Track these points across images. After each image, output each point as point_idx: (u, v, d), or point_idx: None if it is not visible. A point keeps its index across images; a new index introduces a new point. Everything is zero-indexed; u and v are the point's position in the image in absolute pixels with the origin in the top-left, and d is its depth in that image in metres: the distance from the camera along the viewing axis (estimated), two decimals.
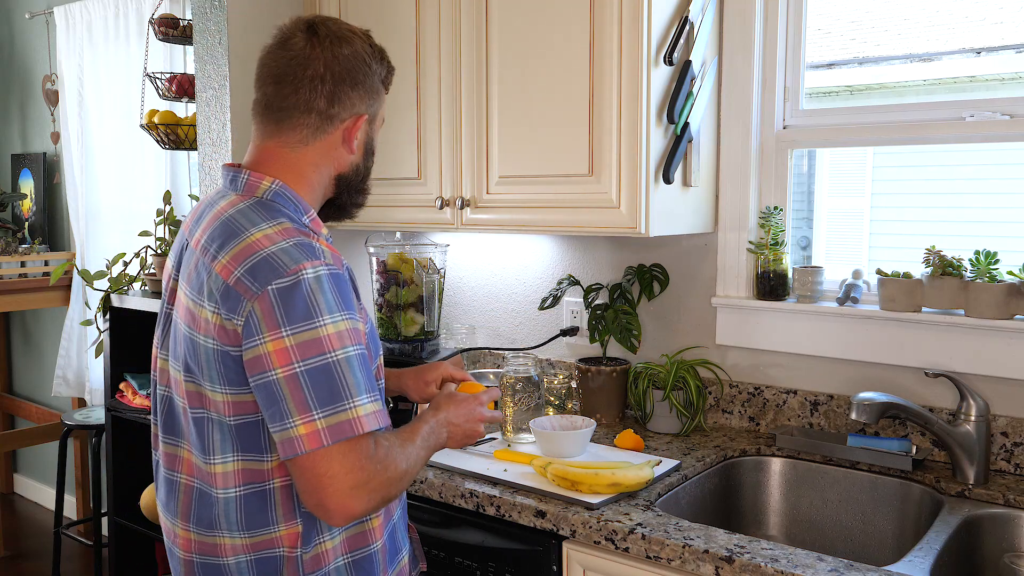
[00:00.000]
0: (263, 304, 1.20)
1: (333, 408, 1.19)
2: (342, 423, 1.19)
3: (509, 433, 2.01)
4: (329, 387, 1.20)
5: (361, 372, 1.23)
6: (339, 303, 1.23)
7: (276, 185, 1.34)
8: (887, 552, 1.82)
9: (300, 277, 1.21)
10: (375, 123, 1.44)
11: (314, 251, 1.25)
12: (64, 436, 3.51)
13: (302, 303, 1.20)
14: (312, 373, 1.19)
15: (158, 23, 2.85)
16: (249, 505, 1.30)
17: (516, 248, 2.54)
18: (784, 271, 2.07)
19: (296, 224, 1.30)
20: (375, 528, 1.38)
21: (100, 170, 3.90)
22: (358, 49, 1.38)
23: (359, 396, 1.21)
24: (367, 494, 1.22)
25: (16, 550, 4.05)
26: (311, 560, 1.32)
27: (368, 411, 1.22)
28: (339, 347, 1.21)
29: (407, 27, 2.23)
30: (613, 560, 1.58)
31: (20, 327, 4.62)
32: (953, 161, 2.19)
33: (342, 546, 1.34)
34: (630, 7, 1.84)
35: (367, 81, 1.38)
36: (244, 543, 1.31)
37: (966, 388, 1.77)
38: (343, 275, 1.28)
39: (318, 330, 1.20)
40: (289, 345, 1.19)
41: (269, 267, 1.22)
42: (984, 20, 1.95)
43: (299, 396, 1.19)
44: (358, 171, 1.44)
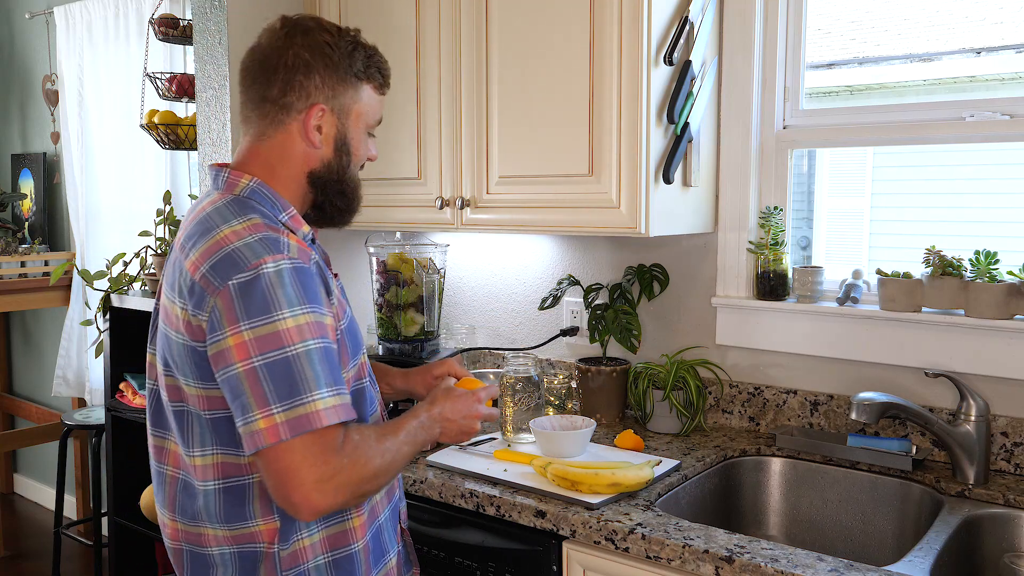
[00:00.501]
0: (224, 299, 1.21)
1: (292, 402, 1.19)
2: (300, 417, 1.19)
3: (509, 433, 2.01)
4: (288, 381, 1.20)
5: (322, 366, 1.22)
6: (300, 297, 1.23)
7: (253, 183, 1.36)
8: (887, 552, 1.82)
9: (260, 271, 1.22)
10: (348, 119, 1.40)
11: (277, 245, 1.25)
12: (64, 436, 3.51)
13: (260, 297, 1.21)
14: (271, 367, 1.19)
15: (158, 23, 2.85)
16: (228, 498, 1.31)
17: (516, 248, 2.54)
18: (784, 271, 2.07)
19: (268, 220, 1.31)
20: (356, 528, 1.37)
21: (100, 170, 3.90)
22: (316, 39, 1.35)
23: (318, 390, 1.21)
24: (334, 488, 1.21)
25: (16, 550, 4.05)
26: (289, 556, 1.32)
27: (328, 404, 1.21)
28: (298, 340, 1.21)
29: (407, 27, 2.23)
30: (613, 560, 1.58)
31: (20, 327, 4.62)
32: (953, 161, 2.19)
33: (321, 544, 1.34)
34: (630, 7, 1.84)
35: (326, 71, 1.35)
36: (225, 535, 1.32)
37: (966, 388, 1.77)
38: (308, 269, 1.27)
39: (276, 323, 1.20)
40: (248, 339, 1.20)
41: (231, 262, 1.23)
42: (984, 20, 1.95)
43: (258, 390, 1.19)
44: (330, 168, 1.40)
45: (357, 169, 1.46)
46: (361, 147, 1.44)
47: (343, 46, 1.37)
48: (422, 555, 1.85)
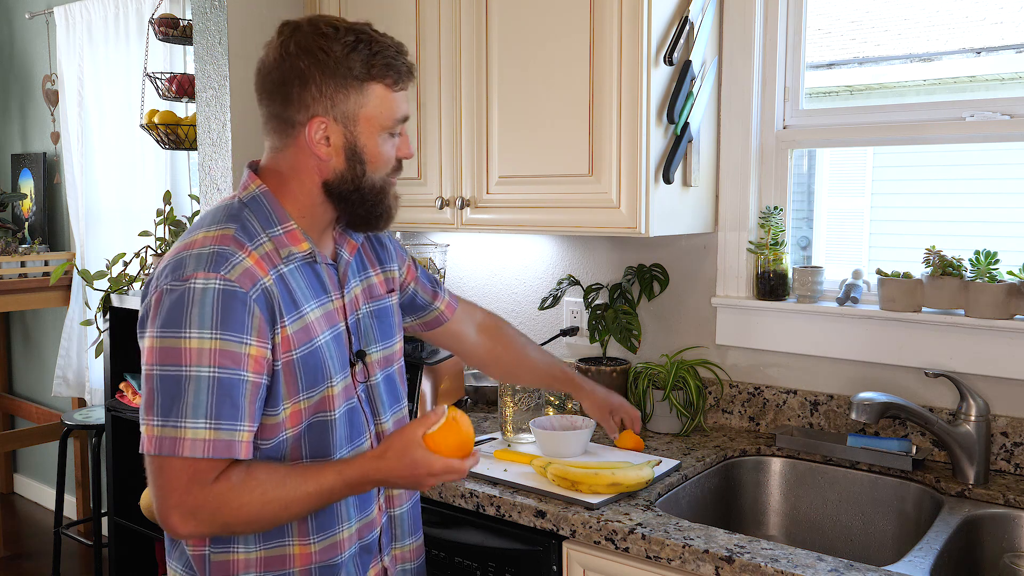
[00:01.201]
0: (154, 300, 1.24)
1: (166, 420, 1.19)
2: (168, 438, 1.19)
3: (509, 433, 2.01)
4: (171, 398, 1.19)
5: (209, 395, 1.19)
6: (215, 321, 1.20)
7: (259, 190, 1.34)
8: (887, 552, 1.82)
9: (187, 285, 1.21)
10: (356, 125, 1.31)
11: (220, 264, 1.23)
12: (64, 436, 3.51)
13: (176, 310, 1.21)
14: (163, 379, 1.20)
15: (158, 23, 2.86)
16: None
17: (516, 248, 2.54)
18: (784, 271, 2.07)
19: (243, 233, 1.28)
20: (295, 555, 1.31)
21: (100, 170, 3.90)
22: (311, 45, 1.28)
23: (192, 419, 1.18)
24: (195, 519, 1.20)
25: (16, 550, 4.05)
26: (218, 565, 1.30)
27: (197, 436, 1.18)
28: (194, 363, 1.19)
29: (407, 27, 2.23)
30: (613, 560, 1.58)
31: (20, 327, 4.62)
32: (953, 161, 2.19)
33: (257, 563, 1.31)
34: (630, 7, 1.84)
35: (324, 79, 1.28)
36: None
37: (966, 388, 1.77)
38: (241, 295, 1.22)
39: (180, 340, 1.20)
40: (155, 346, 1.21)
41: (173, 267, 1.25)
42: (984, 20, 1.95)
43: (150, 396, 1.21)
44: (343, 179, 1.33)
45: (380, 174, 1.36)
46: (380, 151, 1.34)
47: (338, 49, 1.28)
48: None
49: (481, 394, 2.38)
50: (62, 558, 3.61)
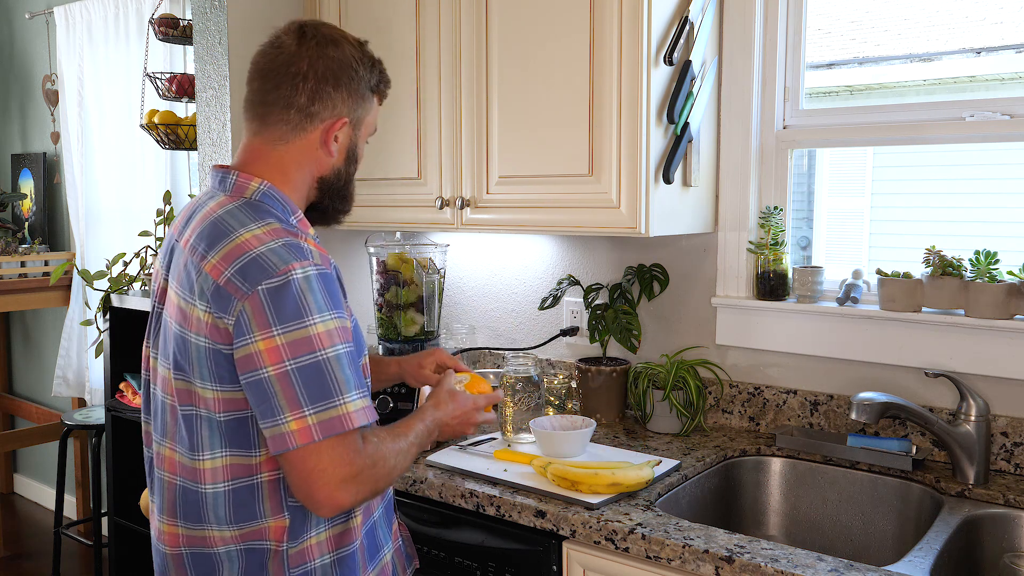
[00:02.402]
0: (253, 303, 1.23)
1: (324, 404, 1.23)
2: (332, 419, 1.23)
3: (509, 433, 2.01)
4: (320, 384, 1.23)
5: (350, 369, 1.26)
6: (328, 303, 1.26)
7: (264, 186, 1.37)
8: (887, 552, 1.82)
9: (289, 277, 1.24)
10: (360, 130, 1.45)
11: (302, 251, 1.27)
12: (64, 436, 3.52)
13: (292, 303, 1.23)
14: (303, 371, 1.22)
15: (158, 23, 2.86)
16: (237, 499, 1.32)
17: (516, 248, 2.54)
18: (784, 271, 2.07)
19: (284, 224, 1.32)
20: (357, 527, 1.40)
21: (100, 170, 3.90)
22: (345, 52, 1.39)
23: (349, 393, 1.25)
24: (356, 487, 1.25)
25: (16, 550, 4.05)
26: (296, 555, 1.34)
27: (358, 407, 1.25)
28: (329, 345, 1.24)
29: (407, 27, 2.23)
30: (613, 560, 1.58)
31: (20, 327, 4.62)
32: (953, 161, 2.20)
33: (328, 543, 1.36)
34: (630, 7, 1.84)
35: (352, 84, 1.39)
36: (233, 535, 1.33)
37: (966, 388, 1.77)
38: (331, 275, 1.31)
39: (308, 329, 1.23)
40: (280, 344, 1.22)
41: (258, 267, 1.24)
42: (984, 20, 1.95)
43: (290, 393, 1.22)
44: (339, 176, 1.45)
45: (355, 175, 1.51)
46: (362, 155, 1.50)
47: (366, 62, 1.42)
48: (422, 555, 1.85)
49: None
50: (62, 558, 3.61)
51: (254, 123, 1.41)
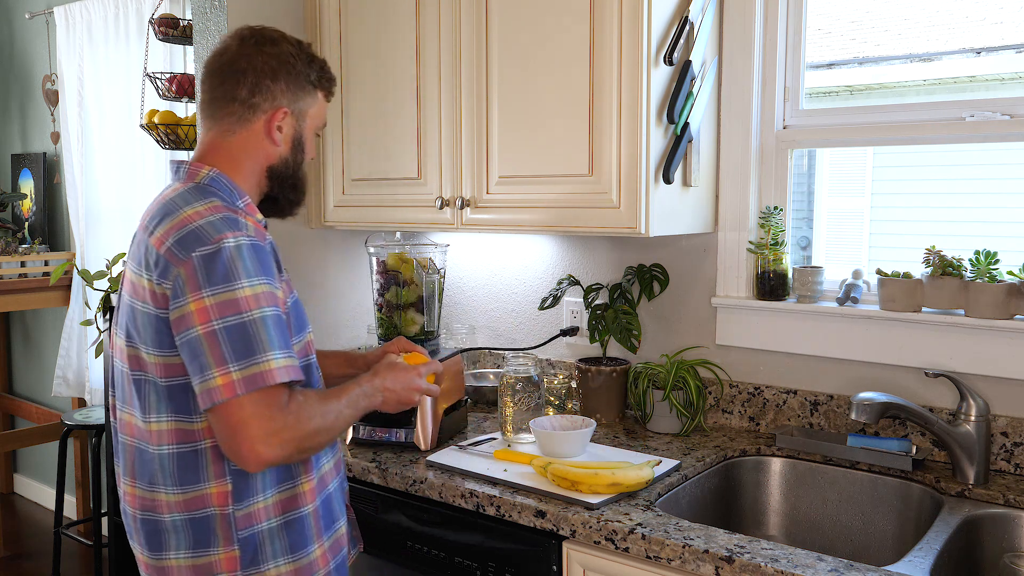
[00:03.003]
0: (188, 269, 1.34)
1: (247, 361, 1.31)
2: (255, 375, 1.31)
3: (509, 433, 2.01)
4: (244, 342, 1.32)
5: (275, 330, 1.35)
6: (257, 270, 1.36)
7: (212, 172, 1.49)
8: (887, 552, 1.82)
9: (222, 245, 1.35)
10: (304, 121, 1.55)
11: (237, 224, 1.38)
12: (64, 436, 3.52)
13: (222, 268, 1.33)
14: (229, 330, 1.32)
15: (158, 23, 2.86)
16: (182, 462, 1.41)
17: (516, 248, 2.54)
18: (784, 271, 2.07)
19: (227, 204, 1.44)
20: (306, 492, 1.47)
21: (100, 170, 3.90)
22: (282, 49, 1.52)
23: (272, 351, 1.33)
24: (279, 442, 1.32)
25: (16, 550, 4.05)
26: (243, 517, 1.42)
27: (280, 364, 1.33)
28: (255, 307, 1.33)
29: (407, 27, 2.23)
30: (613, 560, 1.58)
31: (20, 327, 4.62)
32: (953, 161, 2.20)
33: (275, 508, 1.44)
34: (630, 7, 1.84)
35: (290, 78, 1.51)
36: (178, 500, 1.42)
37: (966, 388, 1.77)
38: (264, 247, 1.40)
39: (236, 292, 1.33)
40: (209, 304, 1.32)
41: (195, 237, 1.36)
42: (984, 20, 1.95)
43: (217, 351, 1.31)
44: (287, 164, 1.55)
45: (305, 166, 1.60)
46: (310, 147, 1.60)
47: (303, 57, 1.54)
48: (422, 555, 1.85)
49: (481, 394, 2.38)
50: (62, 558, 3.61)
51: (207, 120, 1.54)
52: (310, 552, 1.48)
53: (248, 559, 1.42)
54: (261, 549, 1.43)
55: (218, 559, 1.42)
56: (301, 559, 1.46)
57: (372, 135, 2.35)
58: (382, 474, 1.89)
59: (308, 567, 1.48)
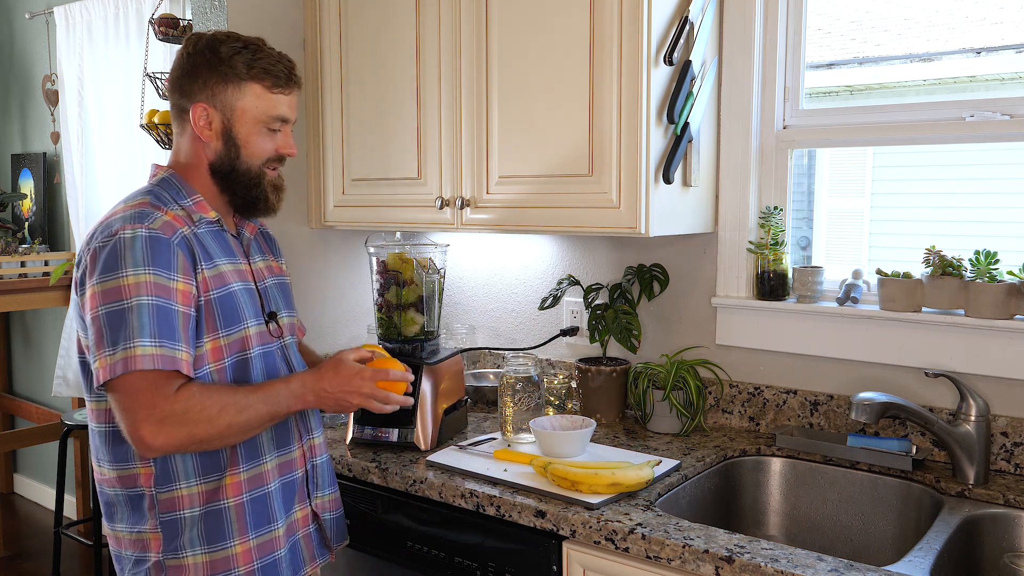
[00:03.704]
0: (90, 258, 1.42)
1: (116, 347, 1.36)
2: (120, 360, 1.36)
3: (509, 433, 2.01)
4: (120, 328, 1.37)
5: (150, 319, 1.38)
6: (146, 260, 1.40)
7: (167, 173, 1.57)
8: (887, 552, 1.82)
9: (118, 237, 1.41)
10: (233, 115, 1.54)
11: (143, 218, 1.44)
12: (64, 436, 3.51)
13: (112, 258, 1.40)
14: (109, 315, 1.38)
15: (158, 23, 2.85)
16: (114, 440, 1.49)
17: (516, 248, 2.54)
18: (784, 271, 2.07)
19: (159, 201, 1.50)
20: (228, 485, 1.50)
21: (100, 170, 3.90)
22: (202, 46, 1.55)
23: (140, 338, 1.36)
24: (163, 427, 1.36)
25: (16, 550, 4.05)
26: (166, 501, 1.48)
27: (146, 352, 1.36)
28: (134, 295, 1.38)
29: (407, 27, 2.23)
30: (613, 560, 1.58)
31: (20, 327, 4.62)
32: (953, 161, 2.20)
33: (199, 496, 1.49)
34: (630, 7, 1.84)
35: (208, 73, 1.53)
36: (115, 476, 1.50)
37: (966, 388, 1.77)
38: (165, 239, 1.43)
39: (120, 280, 1.39)
40: (97, 291, 1.39)
41: (102, 230, 1.44)
42: (984, 20, 1.95)
43: (98, 335, 1.38)
44: (222, 160, 1.56)
45: (256, 161, 1.57)
46: (253, 141, 1.56)
47: (225, 51, 1.53)
48: (422, 555, 1.85)
49: (481, 394, 2.38)
50: (62, 558, 3.61)
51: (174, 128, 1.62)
52: (229, 546, 1.50)
53: (169, 542, 1.48)
54: (181, 535, 1.48)
55: (148, 537, 1.49)
56: (217, 552, 1.49)
57: (372, 135, 2.35)
58: (382, 474, 1.89)
59: (224, 561, 1.50)
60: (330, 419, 2.22)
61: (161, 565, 1.48)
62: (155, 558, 1.48)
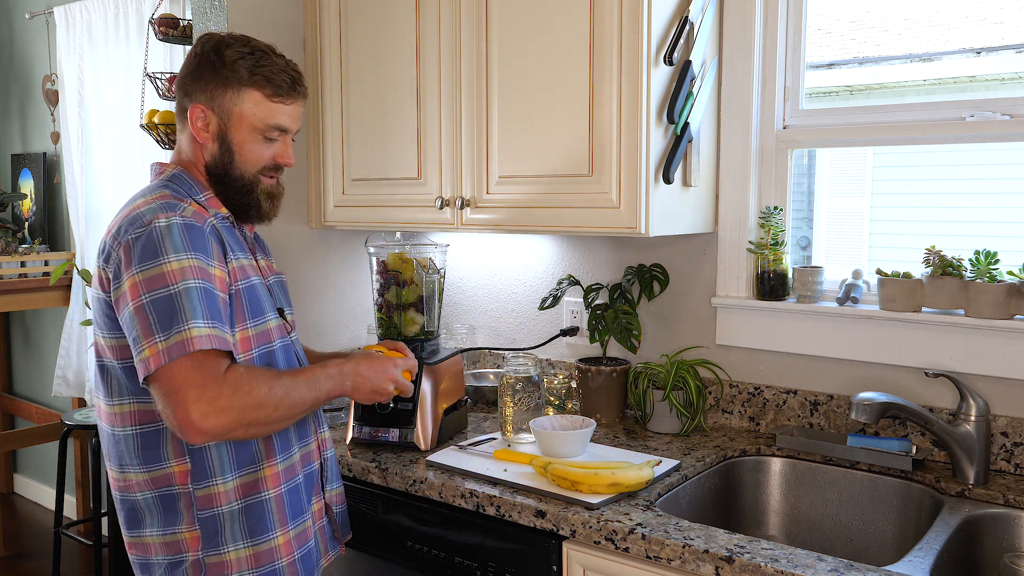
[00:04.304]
0: (123, 250, 1.40)
1: (170, 331, 1.34)
2: (177, 343, 1.34)
3: (509, 433, 2.01)
4: (169, 313, 1.35)
5: (200, 302, 1.37)
6: (186, 245, 1.40)
7: (176, 170, 1.57)
8: (887, 552, 1.82)
9: (152, 226, 1.40)
10: (230, 120, 1.53)
11: (173, 207, 1.44)
12: (64, 436, 3.51)
13: (151, 246, 1.39)
14: (155, 302, 1.36)
15: (158, 23, 2.85)
16: (144, 442, 1.46)
17: (516, 248, 2.54)
18: (784, 271, 2.07)
19: (177, 195, 1.50)
20: (267, 477, 1.50)
21: (100, 170, 3.89)
22: (207, 48, 1.54)
23: (195, 320, 1.35)
24: (216, 412, 1.34)
25: (16, 550, 4.05)
26: (204, 498, 1.46)
27: (201, 333, 1.35)
28: (180, 280, 1.37)
29: (407, 27, 2.23)
30: (613, 560, 1.58)
31: (20, 327, 4.62)
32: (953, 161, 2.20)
33: (236, 491, 1.48)
34: (630, 7, 1.84)
35: (210, 75, 1.52)
36: (146, 479, 1.47)
37: (966, 388, 1.77)
38: (199, 227, 1.44)
39: (162, 266, 1.37)
40: (138, 280, 1.37)
41: (131, 222, 1.43)
42: (984, 20, 1.95)
43: (145, 324, 1.35)
44: (216, 163, 1.55)
45: (250, 168, 1.56)
46: (248, 148, 1.55)
47: (230, 55, 1.52)
48: (422, 555, 1.85)
49: (481, 394, 2.38)
50: (62, 558, 3.61)
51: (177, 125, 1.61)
52: (271, 538, 1.50)
53: (208, 540, 1.46)
54: (221, 531, 1.46)
55: (183, 538, 1.47)
56: (261, 544, 1.49)
57: (372, 135, 2.35)
58: (382, 474, 1.89)
59: (268, 553, 1.50)
60: (330, 419, 2.22)
61: (200, 564, 1.47)
62: (193, 557, 1.47)
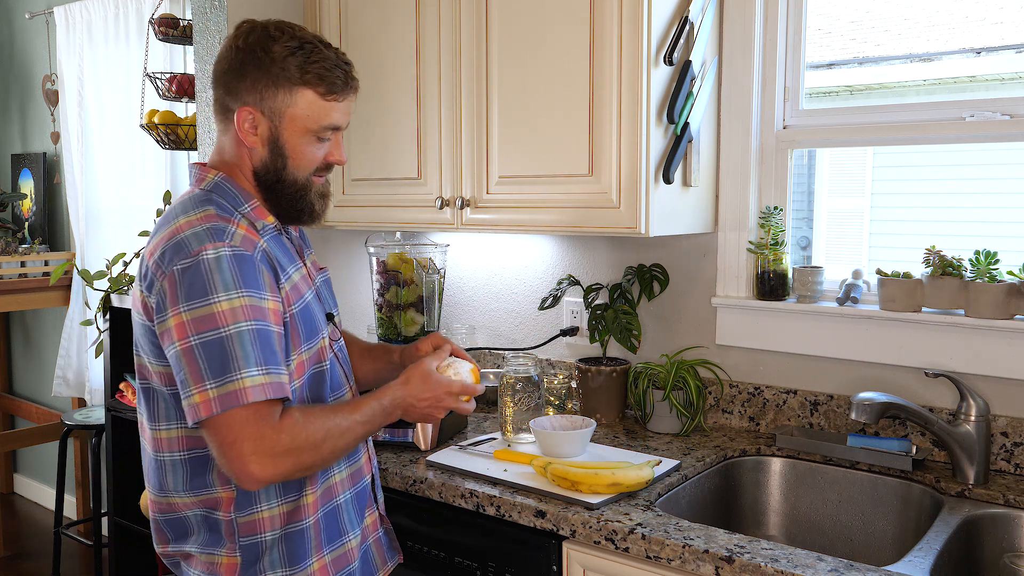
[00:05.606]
0: (169, 282, 1.31)
1: (222, 379, 1.27)
2: (229, 393, 1.27)
3: (509, 433, 2.01)
4: (221, 359, 1.28)
5: (253, 346, 1.30)
6: (237, 281, 1.31)
7: (218, 177, 1.46)
8: (887, 552, 1.82)
9: (200, 257, 1.31)
10: (282, 122, 1.42)
11: (221, 234, 1.34)
12: (64, 436, 3.52)
13: (199, 281, 1.30)
14: (205, 346, 1.28)
15: (158, 23, 2.85)
16: (191, 468, 1.41)
17: (516, 248, 2.54)
18: (784, 271, 2.07)
19: (223, 212, 1.40)
20: (309, 504, 1.45)
21: (100, 170, 3.90)
22: (253, 43, 1.41)
23: (247, 368, 1.28)
24: (273, 460, 1.29)
25: (16, 550, 4.05)
26: (246, 525, 1.41)
27: (256, 383, 1.28)
28: (232, 322, 1.29)
29: (407, 27, 2.23)
30: (613, 560, 1.58)
31: (20, 327, 4.62)
32: (953, 161, 2.20)
33: (280, 518, 1.42)
34: (630, 7, 1.84)
35: (259, 75, 1.40)
36: (192, 500, 1.42)
37: (966, 388, 1.77)
38: (249, 256, 1.35)
39: (212, 306, 1.29)
40: (186, 320, 1.29)
41: (177, 249, 1.33)
42: (984, 20, 1.95)
43: (194, 367, 1.28)
44: (267, 168, 1.45)
45: (303, 172, 1.47)
46: (303, 149, 1.45)
47: (279, 50, 1.40)
48: (423, 555, 1.85)
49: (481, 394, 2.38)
50: (62, 558, 3.61)
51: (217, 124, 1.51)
52: (307, 565, 1.45)
53: (247, 566, 1.41)
54: (261, 558, 1.42)
55: (220, 561, 1.42)
56: (297, 571, 1.44)
57: (372, 135, 2.35)
58: (382, 474, 1.89)
59: None
60: None
61: None
62: None
